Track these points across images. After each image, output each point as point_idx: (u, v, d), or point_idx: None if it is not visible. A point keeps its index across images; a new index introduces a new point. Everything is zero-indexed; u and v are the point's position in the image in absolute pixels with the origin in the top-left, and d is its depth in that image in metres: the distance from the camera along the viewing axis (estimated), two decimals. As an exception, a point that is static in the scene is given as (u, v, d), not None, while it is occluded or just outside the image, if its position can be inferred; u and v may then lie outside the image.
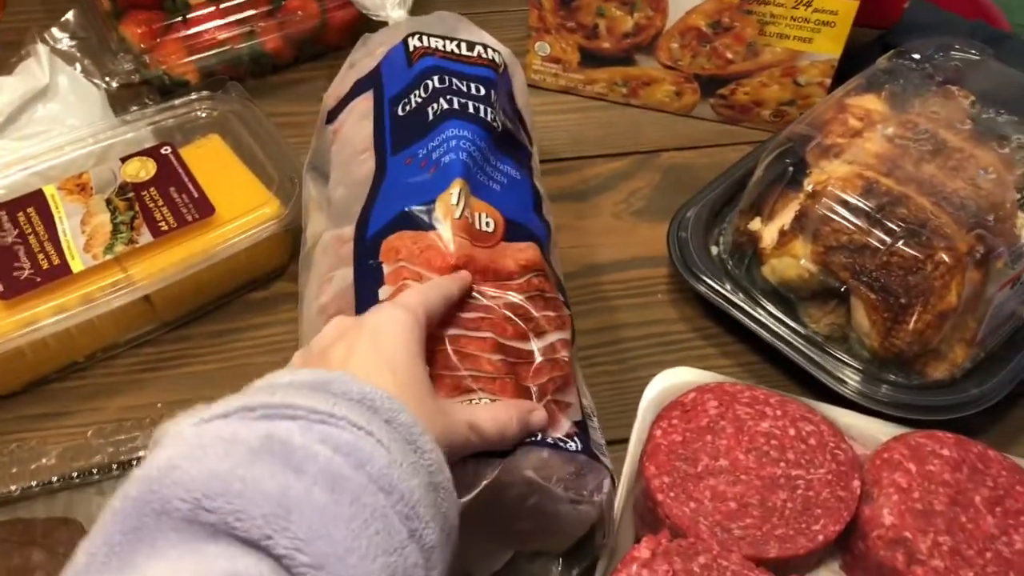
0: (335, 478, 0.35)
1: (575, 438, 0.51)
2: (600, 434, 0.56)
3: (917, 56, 0.73)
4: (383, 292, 0.53)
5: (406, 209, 0.55)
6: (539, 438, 0.49)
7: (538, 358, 0.53)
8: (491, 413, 0.47)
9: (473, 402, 0.49)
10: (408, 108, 0.62)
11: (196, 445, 0.35)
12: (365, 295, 0.53)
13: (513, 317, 0.53)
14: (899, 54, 0.73)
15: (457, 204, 0.55)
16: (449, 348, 0.50)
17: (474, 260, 0.53)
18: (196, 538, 0.32)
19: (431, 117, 0.60)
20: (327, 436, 0.36)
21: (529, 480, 0.48)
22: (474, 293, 0.53)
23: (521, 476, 0.48)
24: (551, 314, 0.55)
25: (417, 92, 0.62)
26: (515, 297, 0.54)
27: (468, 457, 0.46)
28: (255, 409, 0.37)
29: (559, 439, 0.50)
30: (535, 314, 0.54)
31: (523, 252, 0.56)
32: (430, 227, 0.54)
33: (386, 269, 0.53)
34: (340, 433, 0.37)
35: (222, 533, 0.32)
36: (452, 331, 0.51)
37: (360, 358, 0.43)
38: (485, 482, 0.46)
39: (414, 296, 0.48)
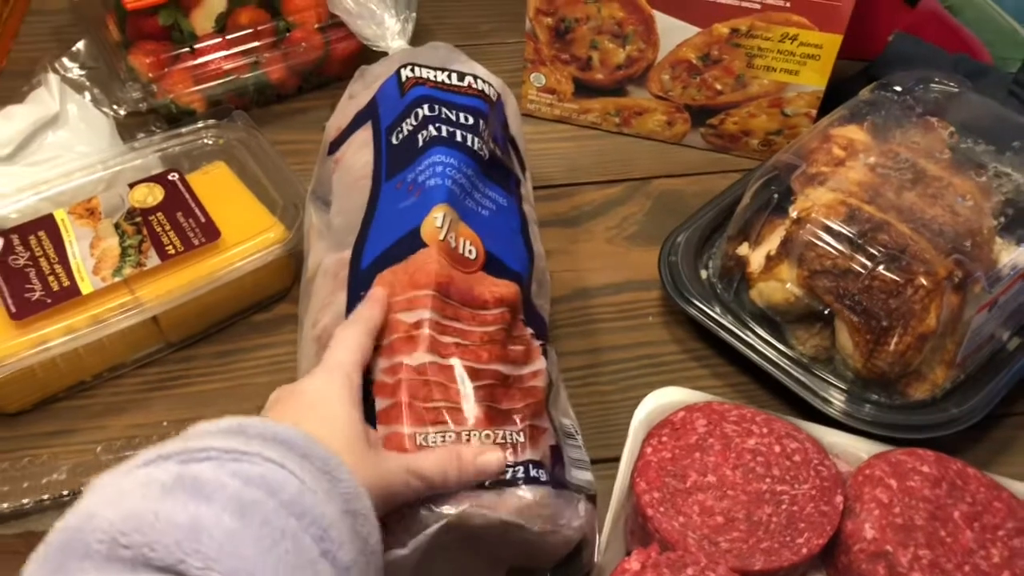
0: (244, 504, 0.37)
1: (543, 469, 0.53)
2: (583, 451, 0.58)
3: (899, 88, 0.75)
4: None
5: (397, 239, 0.58)
6: (510, 475, 0.51)
7: (513, 384, 0.55)
8: (434, 457, 0.49)
9: (443, 434, 0.51)
10: (400, 136, 0.64)
11: (115, 492, 0.37)
12: None
13: (488, 343, 0.55)
14: (881, 86, 0.76)
15: (441, 227, 0.57)
16: (417, 378, 0.52)
17: (454, 282, 0.56)
18: (115, 572, 0.34)
19: (420, 143, 0.62)
20: (238, 471, 0.39)
21: (503, 521, 0.50)
22: (450, 318, 0.55)
23: (496, 518, 0.50)
24: (519, 348, 0.57)
25: (408, 120, 0.64)
26: (489, 328, 0.56)
27: (419, 505, 0.49)
28: (170, 457, 0.39)
29: (532, 470, 0.52)
30: (507, 345, 0.56)
31: (498, 287, 0.58)
32: (416, 248, 0.57)
33: None
34: (251, 467, 0.39)
35: (140, 564, 0.34)
36: (422, 359, 0.53)
37: (293, 414, 0.46)
38: (425, 533, 0.49)
39: (341, 352, 0.51)
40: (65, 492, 0.56)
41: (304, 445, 0.42)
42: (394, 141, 0.64)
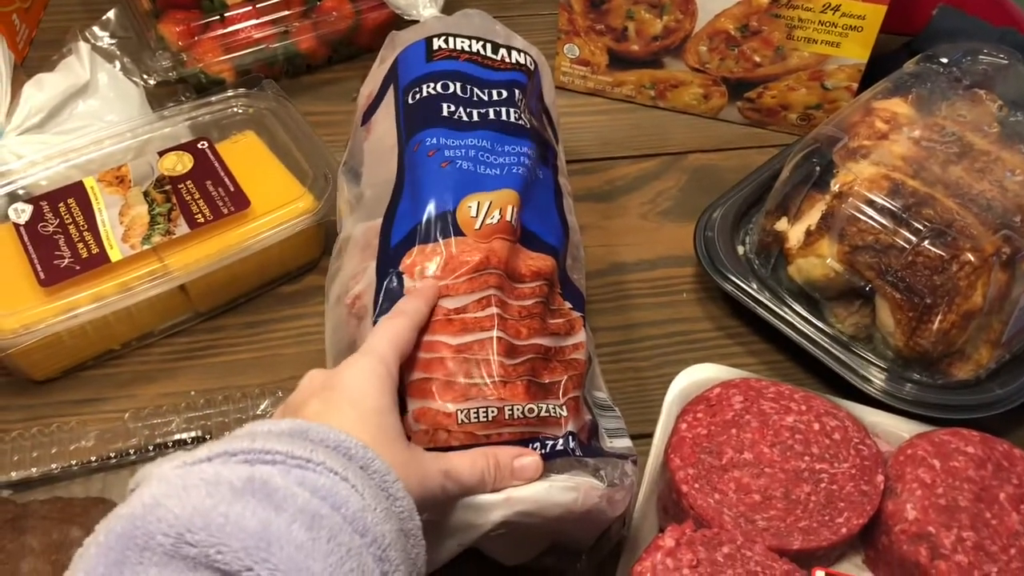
0: (313, 517, 0.36)
1: (582, 442, 0.52)
2: (620, 420, 0.57)
3: (944, 60, 0.73)
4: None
5: (428, 219, 0.56)
6: (550, 449, 0.51)
7: (554, 357, 0.54)
8: (469, 460, 0.48)
9: (485, 409, 0.50)
10: (419, 96, 0.62)
11: (180, 486, 0.36)
12: (387, 303, 0.54)
13: (527, 317, 0.54)
14: (926, 58, 0.74)
15: (476, 216, 0.56)
16: (457, 355, 0.51)
17: (497, 254, 0.54)
18: (178, 571, 0.33)
19: (444, 113, 0.61)
20: (305, 479, 0.38)
21: (546, 519, 0.50)
22: (490, 291, 0.53)
23: (539, 518, 0.49)
24: (559, 320, 0.56)
25: (432, 85, 0.62)
26: (527, 302, 0.55)
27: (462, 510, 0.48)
28: (236, 454, 0.38)
29: (571, 442, 0.52)
30: (547, 318, 0.55)
31: (534, 261, 0.57)
32: (450, 234, 0.55)
33: (407, 283, 0.54)
34: (317, 477, 0.38)
35: (203, 566, 0.34)
36: (460, 338, 0.52)
37: (335, 411, 0.44)
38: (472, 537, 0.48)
39: (382, 344, 0.49)
40: (93, 458, 0.55)
41: (363, 457, 0.41)
42: (410, 101, 0.62)
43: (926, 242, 0.61)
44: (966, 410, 0.63)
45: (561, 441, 0.51)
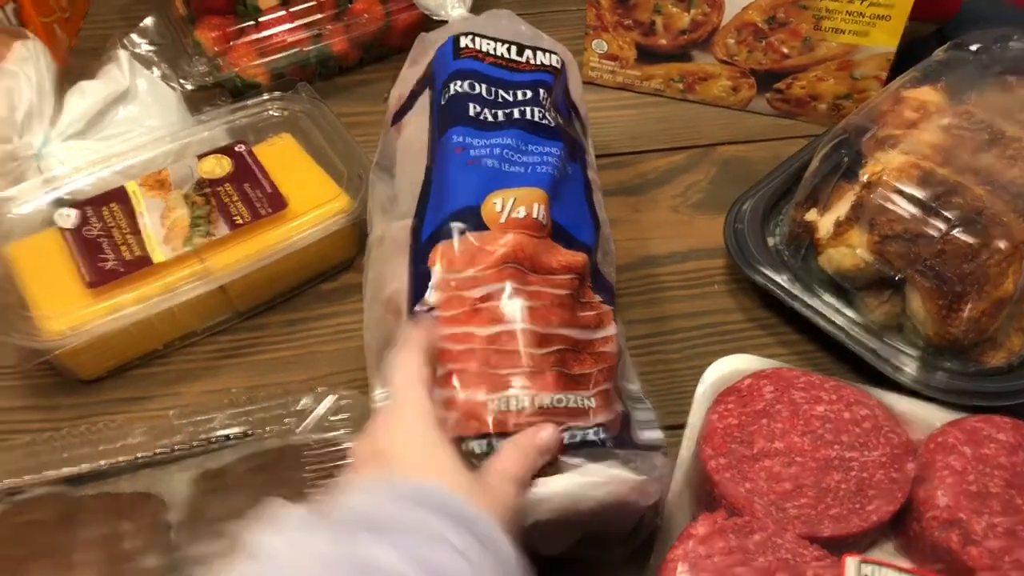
0: None
1: (613, 434, 0.53)
2: (652, 412, 0.58)
3: (974, 48, 0.73)
4: (430, 295, 0.55)
5: (454, 213, 0.57)
6: (580, 439, 0.51)
7: (583, 350, 0.55)
8: (513, 457, 0.48)
9: (516, 399, 0.51)
10: (447, 96, 0.63)
11: (290, 566, 0.35)
12: (416, 296, 0.56)
13: (557, 306, 0.55)
14: (956, 46, 0.73)
15: (501, 211, 0.57)
16: (487, 346, 0.52)
17: (523, 248, 0.55)
18: None
19: (471, 113, 0.62)
20: (424, 560, 0.37)
21: (588, 509, 0.50)
22: (516, 283, 0.54)
23: (580, 509, 0.50)
24: (589, 313, 0.57)
25: (458, 83, 0.63)
26: (558, 291, 0.56)
27: None
28: (352, 524, 0.38)
29: (601, 434, 0.52)
30: (576, 311, 0.56)
31: (566, 256, 0.58)
32: (477, 227, 0.56)
33: (435, 276, 0.55)
34: (430, 553, 0.38)
35: None
36: (489, 329, 0.53)
37: (420, 459, 0.45)
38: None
39: (402, 379, 0.49)
40: (140, 455, 0.57)
41: (485, 529, 0.41)
42: (442, 102, 0.64)
43: (956, 230, 0.61)
44: (998, 397, 0.63)
45: (592, 432, 0.52)
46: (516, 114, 0.62)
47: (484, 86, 0.64)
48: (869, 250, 0.65)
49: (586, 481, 0.50)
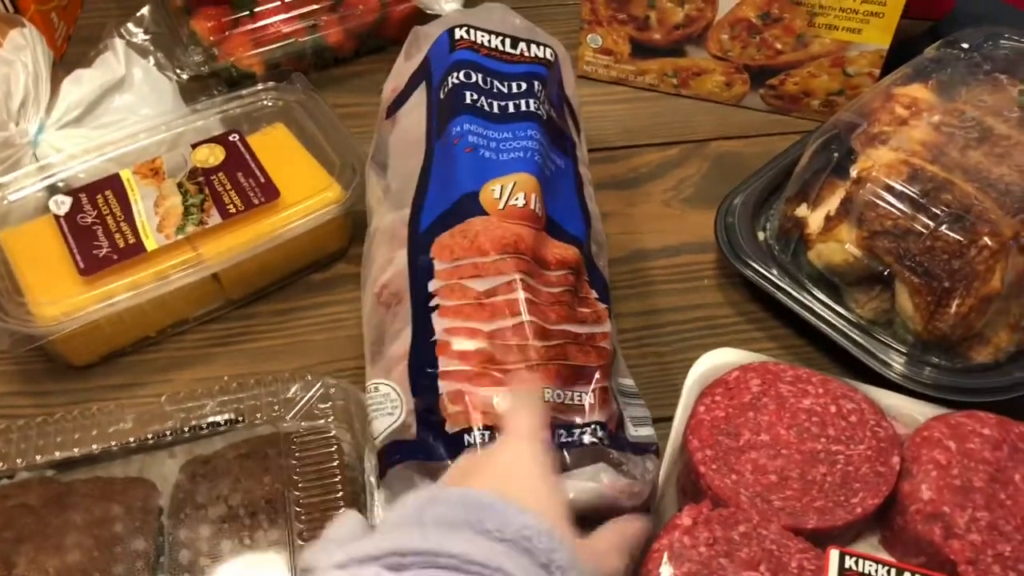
0: None
1: (609, 431, 0.54)
2: (645, 409, 0.58)
3: (966, 45, 0.73)
4: (432, 285, 0.56)
5: (454, 202, 0.58)
6: (577, 436, 0.52)
7: (584, 344, 0.56)
8: (614, 538, 0.47)
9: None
10: (445, 91, 0.64)
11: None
12: (416, 286, 0.56)
13: (555, 304, 0.55)
14: (947, 43, 0.74)
15: (499, 198, 0.57)
16: (494, 342, 0.53)
17: (522, 240, 0.56)
18: None
19: (467, 101, 0.62)
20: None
21: (579, 510, 0.50)
22: (518, 275, 0.55)
23: (577, 507, 0.50)
24: (587, 310, 0.57)
25: (455, 75, 0.64)
26: (553, 289, 0.56)
27: None
28: (406, 554, 0.35)
29: (599, 432, 0.53)
30: (575, 306, 0.57)
31: (559, 250, 0.58)
32: (476, 214, 0.57)
33: (437, 266, 0.56)
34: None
35: None
36: (493, 324, 0.53)
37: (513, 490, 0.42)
38: None
39: (526, 422, 0.47)
40: (131, 439, 0.58)
41: (546, 549, 0.37)
42: (441, 96, 0.64)
43: (944, 227, 0.62)
44: (985, 393, 0.63)
45: (589, 430, 0.53)
46: (511, 107, 0.63)
47: (481, 76, 0.64)
48: (858, 245, 0.65)
49: (577, 485, 0.51)
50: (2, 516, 0.54)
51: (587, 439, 0.53)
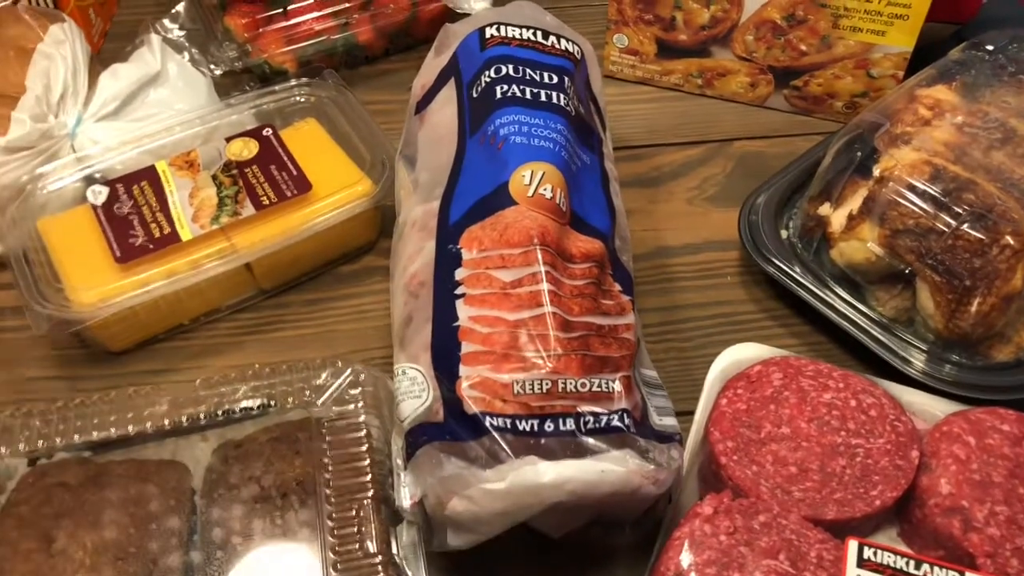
0: None
1: (634, 420, 0.54)
2: (667, 399, 0.59)
3: (990, 47, 0.74)
4: (459, 274, 0.57)
5: (484, 196, 0.59)
6: (604, 423, 0.53)
7: (607, 335, 0.57)
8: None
9: (540, 382, 0.52)
10: (479, 89, 0.65)
11: None
12: (443, 275, 0.58)
13: (578, 296, 0.56)
14: (972, 45, 0.74)
15: (529, 184, 0.58)
16: (517, 331, 0.54)
17: (548, 232, 0.57)
18: None
19: (498, 97, 0.63)
20: None
21: (605, 496, 0.52)
22: (544, 267, 0.56)
23: (597, 495, 0.52)
24: (610, 302, 0.58)
25: (487, 73, 0.65)
26: (577, 282, 0.57)
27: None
28: None
29: (625, 419, 0.54)
30: (599, 298, 0.58)
31: (583, 243, 0.59)
32: (505, 205, 0.58)
33: (465, 255, 0.57)
34: None
35: None
36: (517, 314, 0.54)
37: None
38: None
39: None
40: (166, 422, 0.59)
41: None
42: (474, 95, 0.65)
43: (965, 225, 0.62)
44: (1006, 391, 0.64)
45: (616, 417, 0.54)
46: (543, 96, 0.64)
47: (512, 66, 0.65)
48: (880, 244, 0.66)
49: (603, 468, 0.52)
50: (41, 493, 0.55)
51: (615, 425, 0.53)
